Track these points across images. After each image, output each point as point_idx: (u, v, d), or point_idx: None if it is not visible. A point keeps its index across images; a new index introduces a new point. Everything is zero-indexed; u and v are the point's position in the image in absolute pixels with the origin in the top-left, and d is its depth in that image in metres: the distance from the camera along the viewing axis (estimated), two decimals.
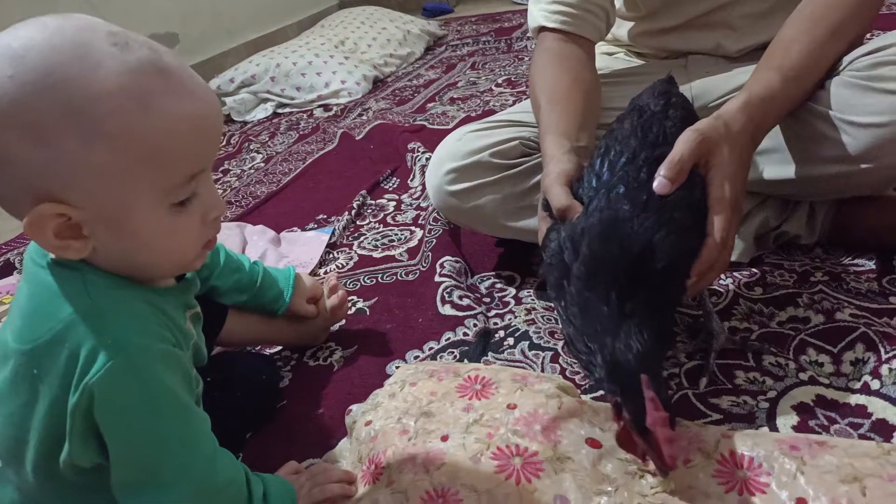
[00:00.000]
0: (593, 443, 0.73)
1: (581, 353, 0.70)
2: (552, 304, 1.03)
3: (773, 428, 0.74)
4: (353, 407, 0.86)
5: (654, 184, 0.71)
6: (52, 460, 0.60)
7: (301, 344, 1.05)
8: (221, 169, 2.01)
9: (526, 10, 3.23)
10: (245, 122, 2.43)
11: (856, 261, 0.97)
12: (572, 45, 1.05)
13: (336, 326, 1.10)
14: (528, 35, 2.76)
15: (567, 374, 0.89)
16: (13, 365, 0.59)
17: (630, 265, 0.68)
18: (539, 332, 0.97)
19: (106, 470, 0.60)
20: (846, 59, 0.88)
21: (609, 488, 0.69)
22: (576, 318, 0.69)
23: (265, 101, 2.51)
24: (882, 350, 0.81)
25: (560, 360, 0.91)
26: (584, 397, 0.82)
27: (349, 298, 1.16)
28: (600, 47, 1.24)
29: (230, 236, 1.42)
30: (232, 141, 2.24)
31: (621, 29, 1.21)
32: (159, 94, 0.54)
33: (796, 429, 0.73)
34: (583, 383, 0.87)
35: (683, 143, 0.72)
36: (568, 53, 1.04)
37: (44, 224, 0.55)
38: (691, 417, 0.77)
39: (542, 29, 1.07)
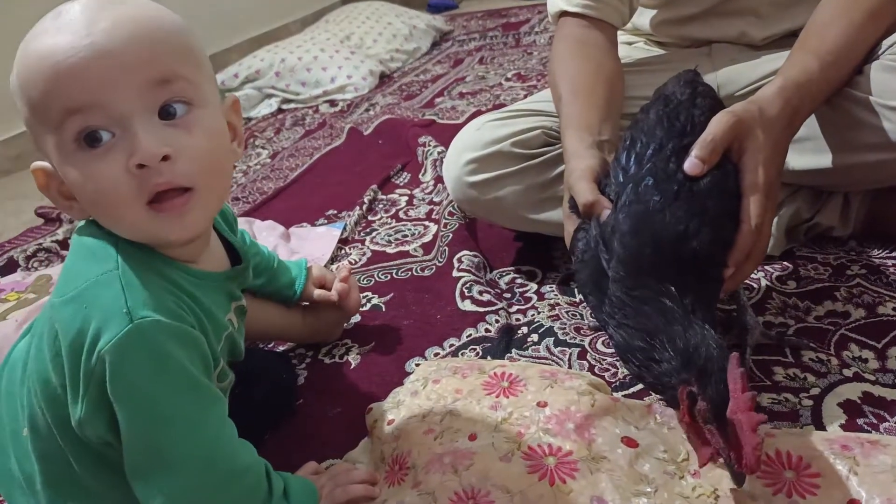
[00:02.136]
0: (629, 441, 0.70)
1: (635, 354, 0.66)
2: (577, 300, 1.00)
3: (820, 427, 0.70)
4: (374, 405, 0.82)
5: (686, 164, 0.68)
6: (69, 426, 0.59)
7: (315, 339, 1.02)
8: None
9: (531, 6, 3.16)
10: (249, 118, 2.40)
11: (893, 253, 0.94)
12: (594, 31, 1.02)
13: (351, 323, 1.06)
14: (536, 30, 2.73)
15: (596, 370, 0.85)
16: (47, 319, 0.59)
17: (671, 259, 0.65)
18: (564, 328, 0.94)
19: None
20: (885, 43, 0.85)
21: (648, 489, 0.66)
22: (630, 319, 0.65)
23: (269, 96, 2.48)
24: None
25: (588, 357, 0.88)
26: (616, 395, 0.78)
27: (363, 294, 1.13)
28: (620, 37, 1.21)
29: None
30: None
31: (642, 17, 1.17)
32: (37, 36, 0.55)
33: (845, 428, 0.69)
34: (613, 380, 0.83)
35: (717, 124, 0.70)
36: (590, 40, 1.01)
37: (46, 181, 0.59)
38: None
39: (563, 14, 1.04)
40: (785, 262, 0.97)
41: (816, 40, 0.82)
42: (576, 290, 1.01)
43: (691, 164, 0.67)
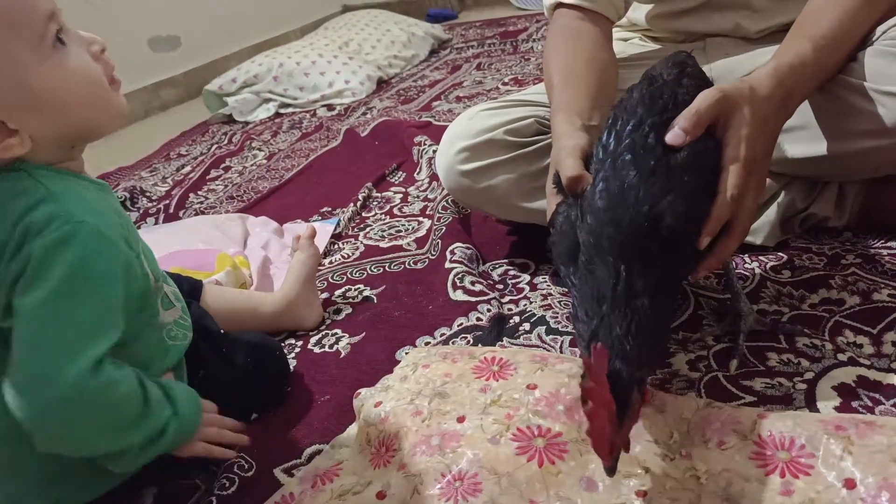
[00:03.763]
0: None
1: (575, 324, 0.67)
2: (566, 287, 0.98)
3: (814, 410, 0.69)
4: (362, 390, 0.81)
5: (668, 135, 0.67)
6: None
7: (292, 328, 1.03)
8: (223, 166, 1.97)
9: (529, 16, 3.14)
10: (247, 122, 2.39)
11: (889, 243, 0.93)
12: (588, 23, 1.01)
13: (342, 314, 1.05)
14: (534, 38, 2.74)
15: None
16: None
17: (637, 237, 0.64)
18: (556, 317, 0.93)
19: None
20: (880, 29, 0.85)
21: (638, 471, 0.65)
22: (580, 288, 0.66)
23: (267, 101, 2.47)
24: None
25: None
26: None
27: (355, 286, 1.12)
28: (615, 33, 1.21)
29: (231, 227, 1.38)
30: (234, 140, 2.20)
31: (637, 12, 1.17)
32: None
33: (839, 410, 0.68)
34: None
35: (703, 97, 0.69)
36: (584, 32, 1.01)
37: None
38: (723, 400, 0.72)
39: (559, 5, 1.04)
40: (779, 253, 0.96)
41: (810, 26, 0.82)
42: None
43: (673, 135, 0.67)
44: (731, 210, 0.67)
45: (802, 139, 0.91)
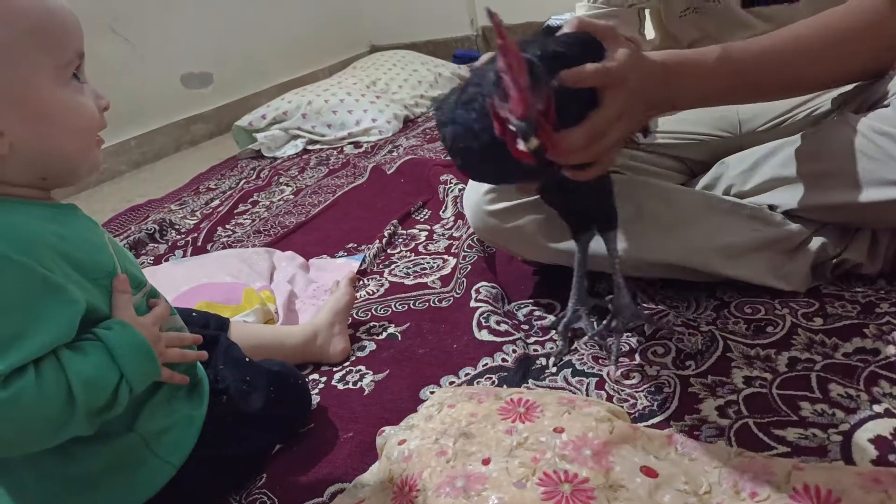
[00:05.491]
0: (649, 471, 0.67)
1: None
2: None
3: (850, 462, 0.67)
4: (386, 428, 0.80)
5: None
6: None
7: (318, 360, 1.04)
8: (251, 200, 2.00)
9: None
10: (275, 158, 2.43)
11: None
12: None
13: (366, 351, 1.05)
14: None
15: (614, 401, 0.83)
16: None
17: None
18: (582, 359, 0.92)
19: None
20: None
21: None
22: None
23: (296, 137, 2.52)
24: None
25: (606, 388, 0.85)
26: (635, 424, 0.76)
27: (380, 323, 1.12)
28: None
29: (258, 261, 1.40)
30: (262, 175, 2.23)
31: None
32: None
33: (876, 463, 0.66)
34: (632, 411, 0.80)
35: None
36: None
37: None
38: (754, 450, 0.70)
39: None
40: (810, 300, 0.94)
41: (739, 45, 0.84)
42: None
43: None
44: (599, 131, 0.70)
45: (836, 186, 0.90)
